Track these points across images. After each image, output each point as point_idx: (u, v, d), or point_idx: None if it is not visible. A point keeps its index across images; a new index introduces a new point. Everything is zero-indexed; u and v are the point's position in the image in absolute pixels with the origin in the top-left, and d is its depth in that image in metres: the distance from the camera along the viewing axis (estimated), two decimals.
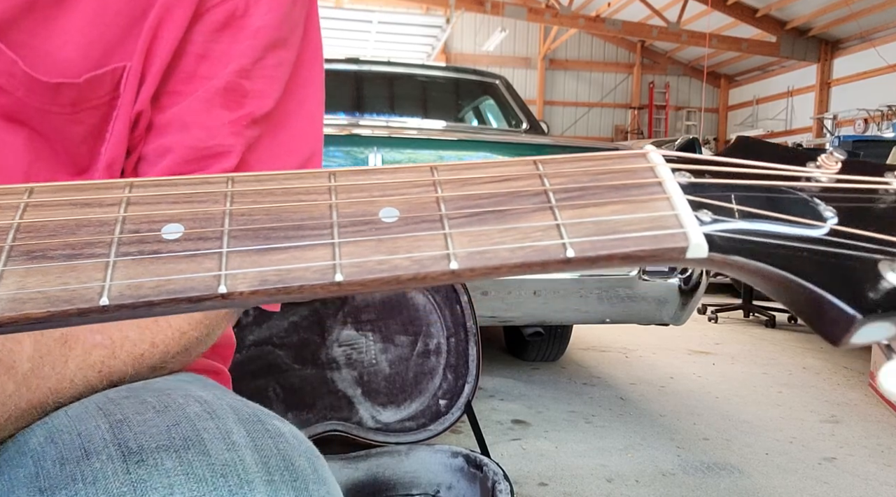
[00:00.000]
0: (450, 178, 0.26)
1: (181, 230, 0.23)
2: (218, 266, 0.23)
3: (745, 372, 3.32)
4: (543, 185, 0.26)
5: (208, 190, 0.25)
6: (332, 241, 0.24)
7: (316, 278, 0.23)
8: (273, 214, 0.24)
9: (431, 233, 0.24)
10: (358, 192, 0.25)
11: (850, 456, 2.21)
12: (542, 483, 1.95)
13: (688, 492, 1.91)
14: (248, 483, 0.37)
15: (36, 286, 0.22)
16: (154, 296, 0.22)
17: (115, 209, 0.24)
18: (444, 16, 10.32)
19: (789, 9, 11.14)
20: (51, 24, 0.45)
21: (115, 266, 0.22)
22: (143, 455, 0.37)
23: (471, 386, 2.01)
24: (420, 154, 2.44)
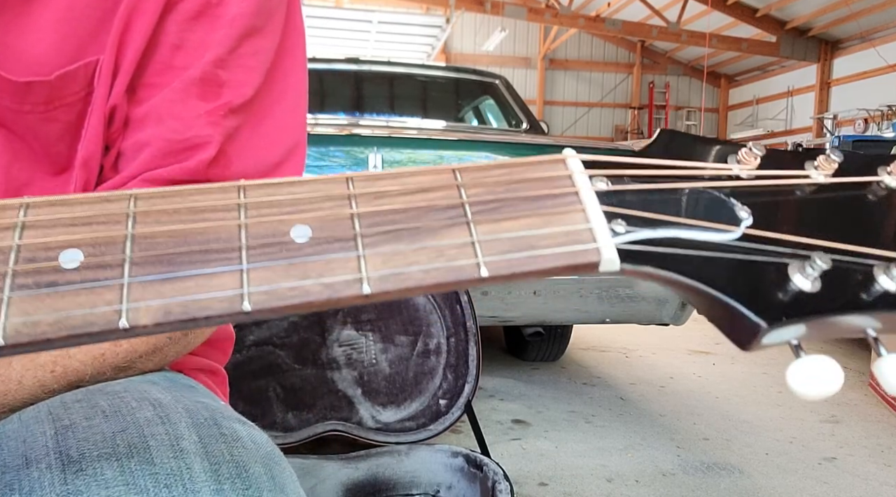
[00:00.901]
0: (364, 191, 0.25)
1: (80, 257, 0.22)
2: (119, 298, 0.21)
3: (745, 372, 3.32)
4: (461, 197, 0.25)
5: (109, 210, 0.23)
6: (240, 266, 0.22)
7: (223, 308, 0.22)
8: (178, 237, 0.23)
9: (345, 255, 0.23)
10: (269, 207, 0.24)
11: (850, 456, 2.21)
12: (542, 483, 1.95)
13: (688, 492, 1.91)
14: (195, 493, 0.35)
15: None
16: (52, 333, 0.21)
17: (9, 234, 0.22)
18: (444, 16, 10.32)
19: (789, 9, 11.14)
20: (22, 21, 0.44)
21: (9, 303, 0.21)
22: (82, 464, 0.36)
23: (471, 386, 2.01)
24: (420, 154, 2.44)
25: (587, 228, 0.25)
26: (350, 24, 10.23)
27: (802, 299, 0.25)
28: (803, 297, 0.25)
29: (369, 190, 0.25)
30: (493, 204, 0.25)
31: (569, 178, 0.26)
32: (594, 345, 3.85)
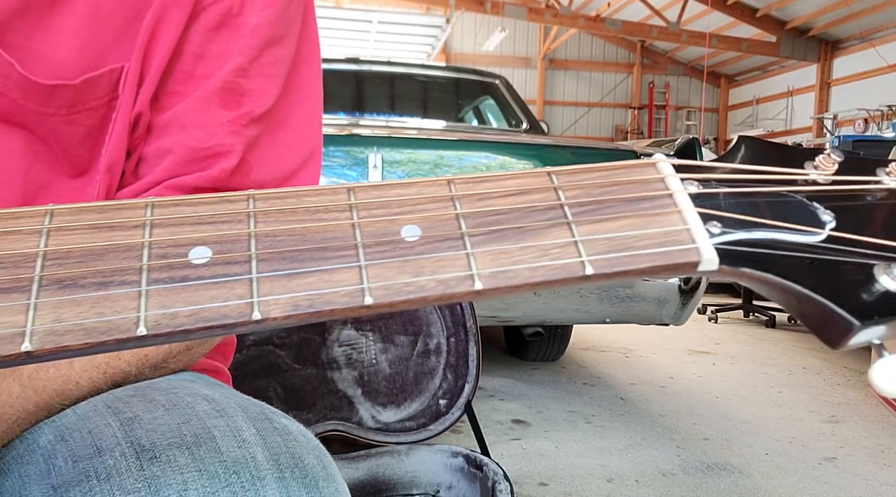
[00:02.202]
0: (466, 193, 0.26)
1: (209, 254, 0.23)
2: (249, 292, 0.22)
3: (745, 372, 3.32)
4: (559, 198, 0.26)
5: (230, 210, 0.24)
6: (358, 263, 0.24)
7: (346, 302, 0.23)
8: (297, 235, 0.24)
9: (454, 252, 0.24)
10: (377, 208, 0.25)
11: (850, 456, 2.21)
12: (542, 483, 1.95)
13: (688, 492, 1.91)
14: (260, 480, 0.37)
15: (72, 318, 0.21)
16: (189, 324, 0.22)
17: (139, 232, 0.23)
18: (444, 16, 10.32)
19: (789, 9, 11.14)
20: (45, 26, 0.44)
21: (147, 295, 0.22)
22: (155, 452, 0.37)
23: (471, 386, 2.01)
24: (420, 154, 2.44)
25: (685, 229, 0.25)
26: (350, 24, 10.23)
27: (890, 300, 0.25)
28: (890, 297, 0.25)
29: (471, 192, 0.26)
30: (590, 205, 0.26)
31: (661, 181, 0.27)
32: (594, 345, 3.85)
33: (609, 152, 2.72)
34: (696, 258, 0.25)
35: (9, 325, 0.21)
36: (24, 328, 0.21)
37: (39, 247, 0.22)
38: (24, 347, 0.21)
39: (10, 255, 0.22)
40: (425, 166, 2.44)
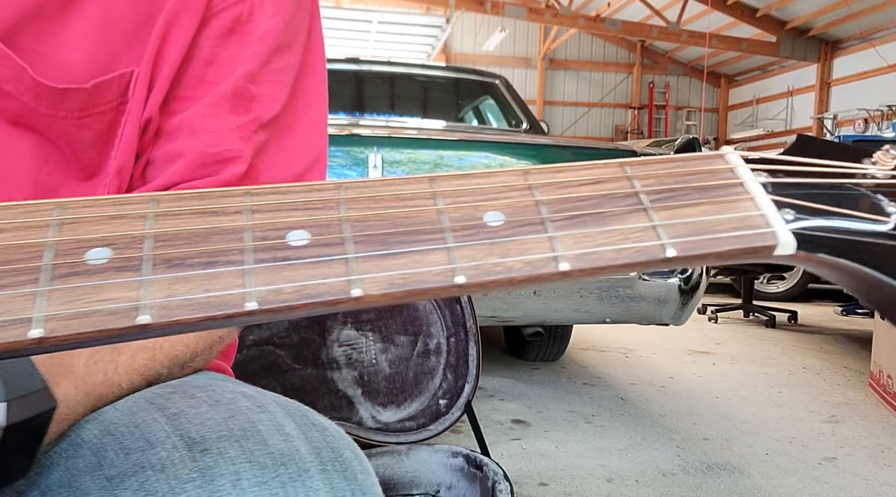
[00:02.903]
0: (543, 182, 0.27)
1: (307, 236, 0.24)
2: (346, 271, 0.24)
3: (745, 372, 3.32)
4: (633, 187, 0.27)
5: (321, 197, 0.26)
6: (446, 245, 0.25)
7: (439, 281, 0.24)
8: (387, 220, 0.25)
9: (537, 236, 0.25)
10: (460, 196, 0.26)
11: (850, 456, 2.21)
12: (542, 483, 1.95)
13: (688, 492, 1.91)
14: (306, 472, 0.38)
15: (183, 293, 0.22)
16: (294, 300, 0.23)
17: (240, 217, 0.25)
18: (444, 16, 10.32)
19: (789, 9, 11.14)
20: (57, 30, 0.45)
21: (253, 273, 0.23)
22: (206, 444, 0.39)
23: (471, 386, 2.00)
24: (420, 154, 2.44)
25: (760, 214, 0.26)
26: (350, 24, 10.23)
27: None
28: None
29: (548, 181, 0.27)
30: (665, 193, 0.27)
31: (731, 171, 0.28)
32: (594, 345, 3.85)
33: (609, 152, 2.72)
34: (772, 241, 0.26)
35: (123, 300, 0.22)
36: (138, 303, 0.22)
37: (149, 229, 0.24)
38: (140, 320, 0.22)
39: (122, 237, 0.23)
40: (425, 166, 2.44)
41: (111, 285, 0.22)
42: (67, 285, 0.22)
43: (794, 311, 4.89)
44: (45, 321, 0.21)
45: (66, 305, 0.22)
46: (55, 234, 0.23)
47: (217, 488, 0.36)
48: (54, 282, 0.22)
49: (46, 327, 0.21)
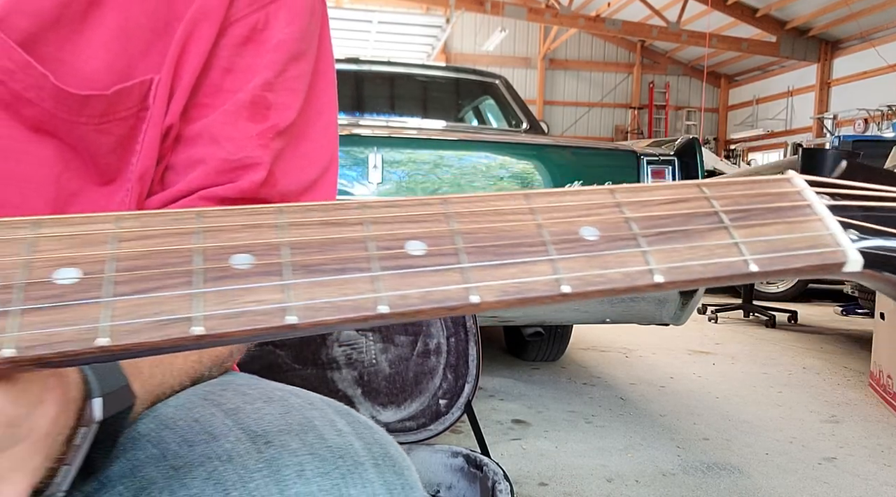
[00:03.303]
0: (630, 200, 0.29)
1: (424, 247, 0.26)
2: (464, 279, 0.26)
3: (745, 372, 3.32)
4: (712, 206, 0.29)
5: (429, 211, 0.28)
6: (550, 257, 0.27)
7: (546, 290, 0.26)
8: (493, 233, 0.27)
9: (631, 250, 0.27)
10: (556, 212, 0.28)
11: (850, 456, 2.21)
12: (542, 483, 1.95)
13: (688, 492, 1.91)
14: (361, 465, 0.40)
15: (323, 297, 0.24)
16: (420, 305, 0.25)
17: (361, 228, 0.27)
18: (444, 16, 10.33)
19: (789, 9, 11.14)
20: (77, 38, 0.45)
21: (381, 279, 0.25)
22: (268, 438, 0.41)
23: (471, 386, 2.00)
24: (420, 154, 2.44)
25: (829, 234, 0.29)
26: (350, 24, 10.23)
27: None
28: None
29: (633, 199, 0.29)
30: (741, 213, 0.29)
31: (798, 194, 0.30)
32: (594, 345, 3.85)
33: (609, 152, 2.72)
34: (842, 259, 0.28)
35: (271, 302, 0.24)
36: (285, 305, 0.24)
37: (284, 238, 0.26)
38: (289, 320, 0.24)
39: (261, 244, 0.25)
40: (425, 166, 2.44)
41: (258, 288, 0.24)
42: (219, 287, 0.24)
43: (794, 311, 4.89)
44: (204, 320, 0.23)
45: (220, 306, 0.24)
46: (200, 240, 0.25)
47: (283, 478, 0.38)
48: (206, 284, 0.24)
49: (206, 325, 0.23)
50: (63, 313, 0.22)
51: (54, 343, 0.22)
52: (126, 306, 0.23)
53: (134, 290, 0.23)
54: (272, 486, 0.38)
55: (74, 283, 0.23)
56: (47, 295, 0.23)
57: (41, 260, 0.24)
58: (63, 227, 0.25)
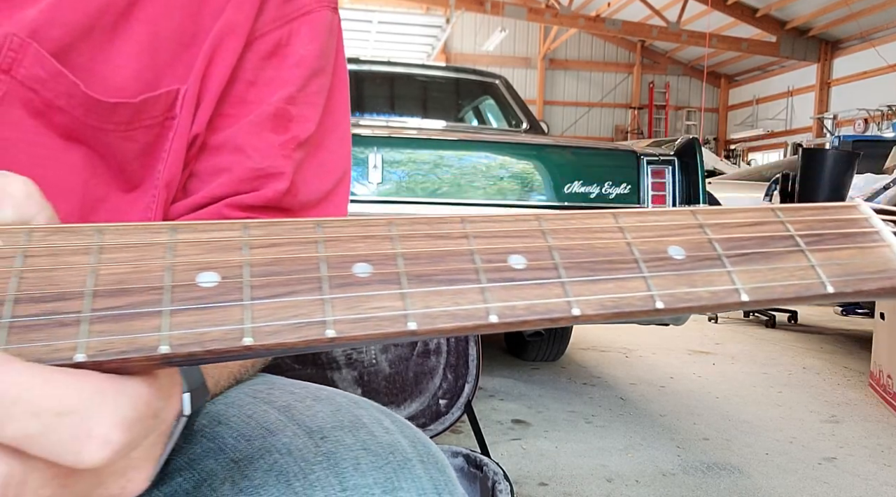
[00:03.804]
0: (711, 222, 0.31)
1: (524, 261, 0.28)
2: (564, 293, 0.27)
3: (745, 372, 3.32)
4: (787, 230, 0.31)
5: (526, 227, 0.29)
6: (642, 274, 0.28)
7: (641, 305, 0.27)
8: (587, 250, 0.29)
9: (717, 270, 0.29)
10: (643, 231, 0.30)
11: (850, 456, 2.21)
12: (542, 483, 1.95)
13: (688, 492, 1.91)
14: (409, 461, 0.43)
15: (439, 306, 0.26)
16: (526, 316, 0.26)
17: (465, 241, 0.28)
18: (444, 16, 10.33)
19: (789, 9, 11.14)
20: (107, 49, 0.47)
21: (488, 291, 0.27)
22: (323, 433, 0.44)
23: (471, 386, 2.00)
24: (420, 154, 2.44)
25: None
26: (350, 24, 10.24)
27: None
28: None
29: (713, 221, 0.31)
30: (815, 237, 0.31)
31: (867, 220, 0.32)
32: (594, 345, 3.85)
33: (609, 152, 2.72)
34: None
35: (392, 309, 0.25)
36: (406, 312, 0.25)
37: (398, 248, 0.27)
38: (410, 327, 0.25)
39: (377, 255, 0.27)
40: (425, 166, 2.44)
41: (380, 296, 0.26)
42: (346, 294, 0.26)
43: (794, 311, 4.89)
44: (335, 324, 0.25)
45: (347, 311, 0.25)
46: (323, 249, 0.27)
47: (342, 470, 0.41)
48: (333, 290, 0.26)
49: (337, 329, 0.25)
50: (209, 314, 0.24)
51: (204, 341, 0.24)
52: (265, 309, 0.25)
53: (269, 295, 0.25)
54: (332, 478, 0.40)
55: (215, 286, 0.25)
56: (192, 297, 0.24)
57: (183, 264, 0.25)
58: (196, 233, 0.26)
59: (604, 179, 2.56)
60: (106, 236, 0.25)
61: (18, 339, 0.22)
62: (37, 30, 0.44)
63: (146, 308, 0.24)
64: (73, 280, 0.24)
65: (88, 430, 0.21)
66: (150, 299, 0.24)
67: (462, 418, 1.55)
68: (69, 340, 0.22)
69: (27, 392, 0.21)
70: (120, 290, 0.24)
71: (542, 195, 2.55)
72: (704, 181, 2.63)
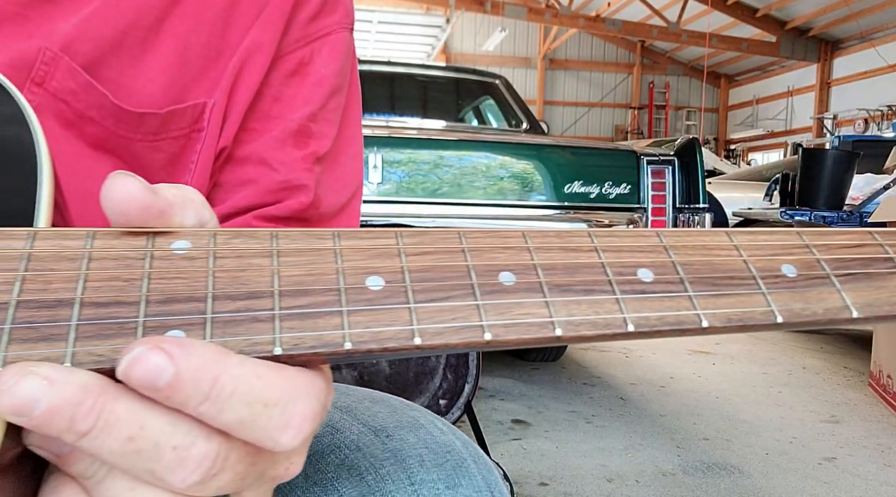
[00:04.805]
0: (816, 243, 0.32)
1: (652, 275, 0.29)
2: (691, 306, 0.28)
3: (745, 372, 3.32)
4: (887, 252, 0.32)
5: (649, 242, 0.31)
6: (761, 290, 0.30)
7: (762, 320, 0.29)
8: (707, 265, 0.30)
9: (828, 289, 0.30)
10: (756, 249, 0.31)
11: (850, 456, 2.21)
12: (542, 483, 1.95)
13: (688, 492, 1.91)
14: (464, 461, 0.46)
15: (580, 314, 0.27)
16: (659, 326, 0.28)
17: (595, 254, 0.30)
18: (444, 16, 10.34)
19: (789, 9, 11.15)
20: (136, 63, 0.49)
21: (624, 302, 0.28)
22: (388, 432, 0.47)
23: (471, 386, 2.00)
24: (420, 154, 2.44)
25: None
26: None
27: None
28: None
29: (818, 242, 0.32)
30: None
31: None
32: (594, 345, 3.85)
33: (609, 152, 2.72)
34: None
35: (539, 316, 0.27)
36: (552, 319, 0.27)
37: (534, 260, 0.29)
38: (557, 333, 0.27)
39: (518, 265, 0.29)
40: (425, 166, 2.44)
41: (526, 303, 0.27)
42: (496, 300, 0.27)
43: None
44: (490, 328, 0.26)
45: (499, 316, 0.27)
46: (471, 258, 0.29)
47: (409, 466, 0.44)
48: (485, 297, 0.27)
49: (493, 332, 0.26)
50: (380, 315, 0.26)
51: (381, 340, 0.26)
52: (428, 312, 0.26)
53: (429, 299, 0.27)
54: (400, 473, 0.43)
55: (381, 289, 0.27)
56: (364, 298, 0.26)
57: (351, 268, 0.27)
58: (357, 240, 0.28)
59: (604, 179, 2.56)
60: (280, 241, 0.28)
61: (222, 332, 0.25)
62: (69, 44, 0.45)
63: (326, 308, 0.26)
64: (260, 280, 0.26)
65: (288, 419, 0.24)
66: (329, 300, 0.26)
67: (462, 418, 1.55)
68: (266, 335, 0.25)
69: (243, 385, 0.23)
70: (301, 290, 0.26)
71: (542, 195, 2.55)
72: (704, 181, 2.63)
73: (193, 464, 0.23)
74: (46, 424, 0.22)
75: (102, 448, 0.22)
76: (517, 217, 2.54)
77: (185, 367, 0.22)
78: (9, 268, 0.25)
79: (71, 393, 0.22)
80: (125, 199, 0.27)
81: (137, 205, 0.27)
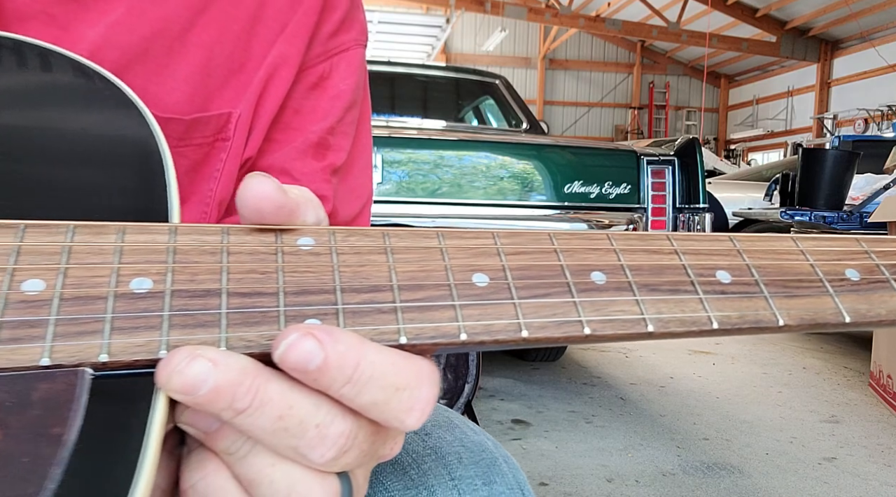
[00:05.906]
0: (875, 249, 0.34)
1: (729, 277, 0.31)
2: (768, 306, 0.30)
3: (745, 372, 3.32)
4: None
5: (722, 246, 0.33)
6: (829, 292, 0.31)
7: (832, 319, 0.31)
8: (776, 269, 0.32)
9: (890, 292, 0.32)
10: (820, 255, 0.33)
11: (850, 456, 2.21)
12: (542, 483, 1.95)
13: (688, 492, 1.91)
14: (496, 460, 0.48)
15: (667, 312, 0.29)
16: (740, 324, 0.29)
17: (675, 257, 0.31)
18: (445, 16, 10.34)
19: (789, 9, 11.15)
20: (163, 71, 0.50)
21: (707, 302, 0.30)
22: (426, 430, 0.49)
23: (471, 386, 2.00)
24: (420, 154, 2.44)
25: None
26: None
27: None
28: None
29: (877, 249, 0.34)
30: None
31: None
32: (594, 345, 3.85)
33: (609, 152, 2.72)
34: None
35: (630, 313, 0.29)
36: (643, 316, 0.29)
37: (621, 261, 0.30)
38: (649, 329, 0.28)
39: (607, 265, 0.30)
40: (425, 166, 2.44)
41: (618, 301, 0.29)
42: (590, 298, 0.29)
43: None
44: (589, 323, 0.28)
45: (595, 313, 0.28)
46: (563, 259, 0.30)
47: (448, 462, 0.47)
48: (580, 294, 0.29)
49: (591, 327, 0.28)
50: (488, 309, 0.28)
51: (492, 332, 0.27)
52: (531, 307, 0.28)
53: (530, 295, 0.28)
54: (441, 469, 0.46)
55: (486, 285, 0.28)
56: (472, 293, 0.28)
57: (458, 266, 0.29)
58: (459, 239, 0.30)
59: (604, 179, 2.56)
60: (392, 239, 0.30)
61: (352, 322, 0.27)
62: (95, 51, 0.46)
63: (440, 301, 0.28)
64: (379, 275, 0.28)
65: (414, 403, 0.26)
66: (441, 294, 0.28)
67: None
68: (391, 325, 0.27)
69: (379, 370, 0.25)
70: (415, 285, 0.28)
71: (542, 195, 2.55)
72: (704, 181, 2.63)
73: (331, 441, 0.25)
74: (209, 402, 0.24)
75: (255, 425, 0.24)
76: (517, 217, 2.54)
77: (333, 353, 0.24)
78: (158, 259, 0.27)
79: (233, 375, 0.24)
80: (262, 197, 0.28)
81: (272, 204, 0.28)
